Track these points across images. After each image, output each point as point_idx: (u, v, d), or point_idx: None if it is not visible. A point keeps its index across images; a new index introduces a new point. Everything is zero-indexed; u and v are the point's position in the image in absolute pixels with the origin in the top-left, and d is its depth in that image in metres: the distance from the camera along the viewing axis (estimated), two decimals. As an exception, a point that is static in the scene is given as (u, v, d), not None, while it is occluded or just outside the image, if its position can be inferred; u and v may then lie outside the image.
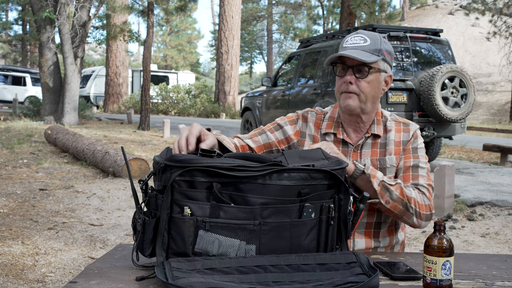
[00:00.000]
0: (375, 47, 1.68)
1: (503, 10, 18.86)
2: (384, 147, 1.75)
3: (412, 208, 1.63)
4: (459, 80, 7.14)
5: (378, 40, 1.69)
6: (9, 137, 10.63)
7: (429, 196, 1.68)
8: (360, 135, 1.77)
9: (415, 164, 1.72)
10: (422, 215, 1.65)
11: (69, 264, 3.53)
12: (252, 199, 1.25)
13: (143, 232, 1.26)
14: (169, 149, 1.36)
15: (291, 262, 1.22)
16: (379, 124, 1.77)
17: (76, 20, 14.02)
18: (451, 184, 5.05)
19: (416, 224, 1.66)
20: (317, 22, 38.31)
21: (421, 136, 1.83)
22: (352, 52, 1.65)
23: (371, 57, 1.65)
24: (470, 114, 10.96)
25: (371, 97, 1.70)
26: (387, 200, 1.61)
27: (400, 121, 1.80)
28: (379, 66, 1.69)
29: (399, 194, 1.61)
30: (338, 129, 1.77)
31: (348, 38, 1.72)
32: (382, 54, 1.69)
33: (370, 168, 1.61)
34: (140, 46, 43.14)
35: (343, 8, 12.64)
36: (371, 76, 1.68)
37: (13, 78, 23.89)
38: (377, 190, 1.60)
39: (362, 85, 1.68)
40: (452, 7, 33.82)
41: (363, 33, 1.71)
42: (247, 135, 1.80)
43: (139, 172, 6.52)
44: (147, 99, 14.02)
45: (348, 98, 1.69)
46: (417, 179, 1.70)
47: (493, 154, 9.86)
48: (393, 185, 1.62)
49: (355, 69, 1.67)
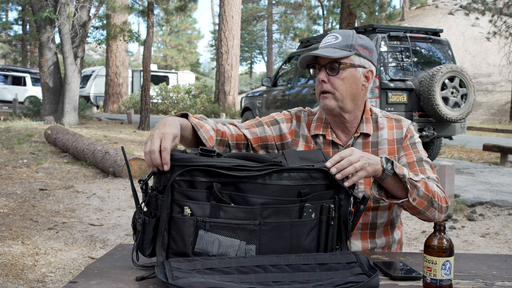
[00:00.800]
0: (346, 43, 1.64)
1: (503, 10, 18.86)
2: (376, 146, 1.72)
3: (436, 202, 1.57)
4: (459, 80, 7.14)
5: (350, 36, 1.66)
6: (9, 137, 10.63)
7: (442, 188, 1.64)
8: (349, 135, 1.74)
9: (418, 159, 1.69)
10: (443, 208, 1.60)
11: (69, 264, 3.53)
12: (252, 199, 1.25)
13: (143, 232, 1.26)
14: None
15: (291, 262, 1.22)
16: (368, 123, 1.73)
17: (76, 20, 14.02)
18: (451, 184, 5.05)
19: (437, 218, 1.60)
20: (317, 22, 38.31)
21: (421, 136, 1.81)
22: (322, 51, 1.63)
23: (340, 53, 1.62)
24: (470, 114, 10.96)
25: (348, 95, 1.66)
26: (414, 197, 1.53)
27: (391, 118, 1.77)
28: (352, 61, 1.65)
29: (424, 190, 1.54)
30: (327, 130, 1.74)
31: (323, 39, 1.72)
32: (355, 49, 1.65)
33: (397, 167, 1.51)
34: (140, 46, 43.15)
35: (343, 8, 12.63)
36: (344, 72, 1.64)
37: (13, 78, 23.88)
38: (409, 189, 1.50)
39: (336, 82, 1.64)
40: (452, 7, 33.82)
41: (336, 31, 1.69)
42: (245, 125, 1.75)
43: (139, 172, 6.52)
44: (147, 99, 14.02)
45: (325, 99, 1.67)
46: (425, 173, 1.66)
47: (493, 154, 9.86)
48: (419, 181, 1.54)
49: (327, 67, 1.65)
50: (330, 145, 1.73)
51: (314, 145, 1.74)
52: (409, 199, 1.51)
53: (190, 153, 1.28)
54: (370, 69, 1.70)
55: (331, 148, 1.72)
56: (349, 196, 1.36)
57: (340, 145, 1.72)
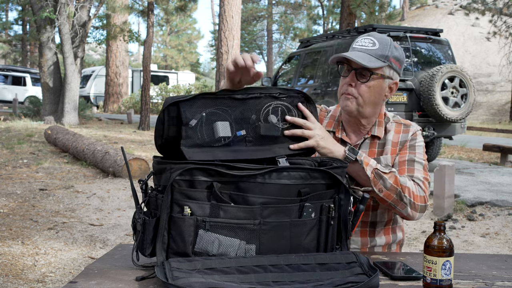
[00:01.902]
0: (382, 52, 1.64)
1: (503, 10, 18.85)
2: (382, 147, 1.74)
3: (406, 197, 1.58)
4: (459, 80, 7.13)
5: (388, 46, 1.65)
6: (9, 137, 10.64)
7: (424, 188, 1.64)
8: (359, 136, 1.76)
9: (410, 159, 1.69)
10: (417, 206, 1.60)
11: (69, 264, 3.53)
12: (252, 199, 1.25)
13: (143, 232, 1.26)
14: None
15: (291, 262, 1.22)
16: (380, 126, 1.75)
17: (76, 20, 14.02)
18: (451, 184, 5.05)
19: (410, 214, 1.61)
20: (317, 22, 38.30)
21: (421, 136, 1.80)
22: (357, 55, 1.62)
23: (375, 63, 1.62)
24: (470, 114, 10.96)
25: (370, 102, 1.67)
26: (380, 188, 1.57)
27: (401, 123, 1.78)
28: (383, 72, 1.65)
29: (393, 182, 1.57)
30: (337, 128, 1.77)
31: (359, 39, 1.69)
32: (389, 60, 1.64)
33: (363, 156, 1.58)
34: (140, 46, 43.12)
35: (343, 8, 12.64)
36: (373, 81, 1.64)
37: (13, 78, 23.87)
38: (370, 177, 1.56)
39: (362, 89, 1.65)
40: (452, 7, 33.81)
41: (374, 36, 1.67)
42: None
43: (139, 172, 6.52)
44: (147, 99, 14.02)
45: (347, 100, 1.67)
46: (413, 172, 1.66)
47: (493, 154, 9.86)
48: (387, 173, 1.58)
49: (357, 72, 1.64)
50: (339, 142, 1.74)
51: None
52: (374, 189, 1.56)
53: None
54: (396, 81, 1.70)
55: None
56: (349, 196, 1.36)
57: (348, 144, 1.72)
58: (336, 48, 8.08)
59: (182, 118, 1.31)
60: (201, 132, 1.32)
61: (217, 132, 1.33)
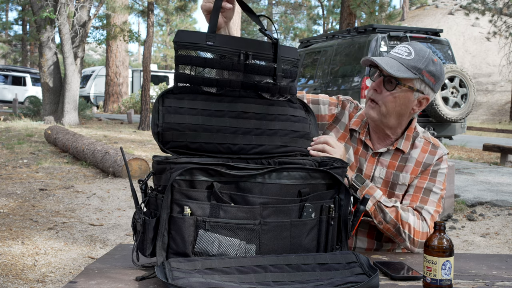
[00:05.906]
0: (415, 64, 1.58)
1: (503, 10, 18.85)
2: (404, 162, 1.69)
3: (405, 233, 1.59)
4: (459, 80, 7.14)
5: (423, 58, 1.59)
6: (9, 137, 10.64)
7: (430, 224, 1.61)
8: (384, 144, 1.72)
9: (428, 188, 1.65)
10: (416, 242, 1.60)
11: (69, 264, 3.53)
12: (252, 199, 1.25)
13: (143, 232, 1.26)
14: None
15: (291, 262, 1.22)
16: (408, 140, 1.70)
17: (76, 20, 14.02)
18: (451, 184, 5.05)
19: (409, 248, 1.62)
20: (317, 22, 38.33)
21: (447, 162, 1.76)
22: (387, 62, 1.58)
23: (404, 73, 1.56)
24: (470, 114, 10.97)
25: (394, 113, 1.62)
26: (380, 220, 1.59)
27: (430, 141, 1.72)
28: (412, 85, 1.59)
29: (393, 217, 1.58)
30: (363, 130, 1.73)
31: (398, 45, 1.66)
32: (421, 73, 1.58)
33: (369, 186, 1.59)
34: (140, 46, 43.13)
35: (343, 8, 12.64)
36: (399, 91, 1.59)
37: (13, 78, 23.88)
38: (371, 209, 1.59)
39: (386, 97, 1.60)
40: (452, 7, 33.81)
41: (413, 46, 1.61)
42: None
43: (139, 172, 6.51)
44: (147, 99, 14.02)
45: (370, 108, 1.65)
46: (425, 203, 1.64)
47: (493, 154, 9.86)
48: (389, 207, 1.58)
49: (386, 79, 1.60)
50: (362, 144, 1.73)
51: (349, 137, 1.74)
52: (374, 220, 1.59)
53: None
54: (427, 97, 1.64)
55: (362, 147, 1.72)
56: (349, 196, 1.36)
57: (370, 148, 1.71)
58: (336, 48, 8.08)
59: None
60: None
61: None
